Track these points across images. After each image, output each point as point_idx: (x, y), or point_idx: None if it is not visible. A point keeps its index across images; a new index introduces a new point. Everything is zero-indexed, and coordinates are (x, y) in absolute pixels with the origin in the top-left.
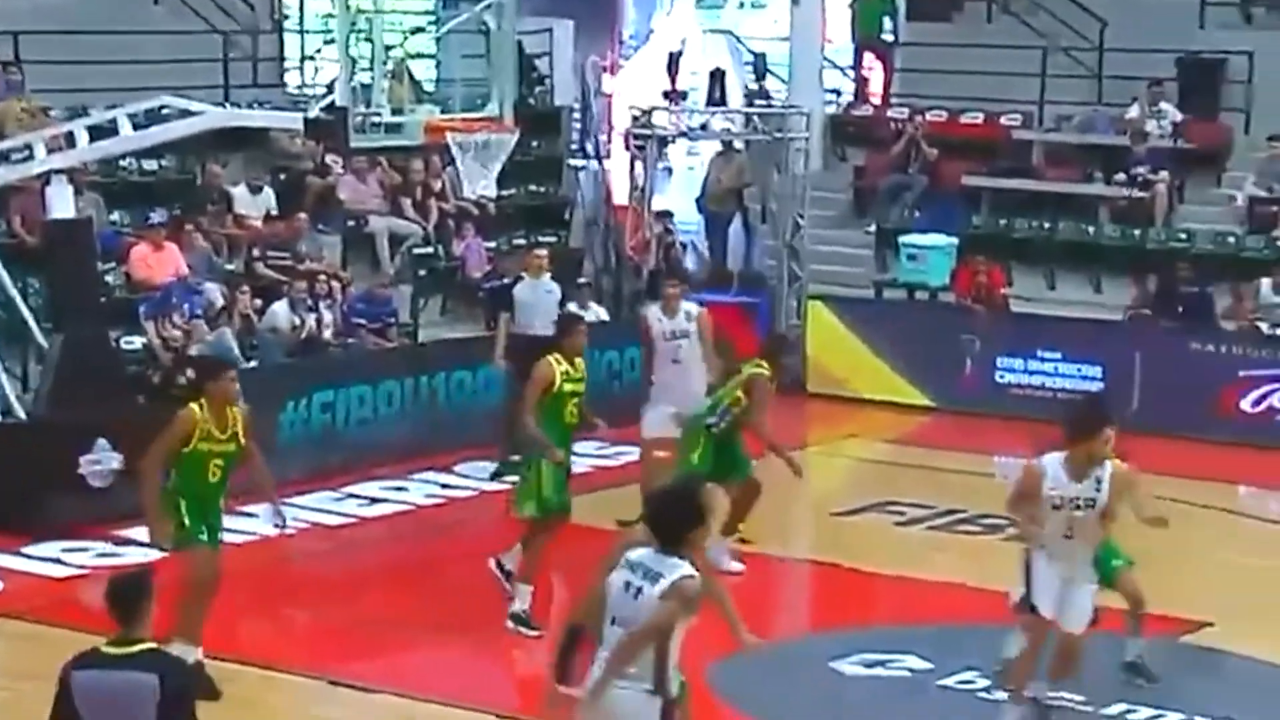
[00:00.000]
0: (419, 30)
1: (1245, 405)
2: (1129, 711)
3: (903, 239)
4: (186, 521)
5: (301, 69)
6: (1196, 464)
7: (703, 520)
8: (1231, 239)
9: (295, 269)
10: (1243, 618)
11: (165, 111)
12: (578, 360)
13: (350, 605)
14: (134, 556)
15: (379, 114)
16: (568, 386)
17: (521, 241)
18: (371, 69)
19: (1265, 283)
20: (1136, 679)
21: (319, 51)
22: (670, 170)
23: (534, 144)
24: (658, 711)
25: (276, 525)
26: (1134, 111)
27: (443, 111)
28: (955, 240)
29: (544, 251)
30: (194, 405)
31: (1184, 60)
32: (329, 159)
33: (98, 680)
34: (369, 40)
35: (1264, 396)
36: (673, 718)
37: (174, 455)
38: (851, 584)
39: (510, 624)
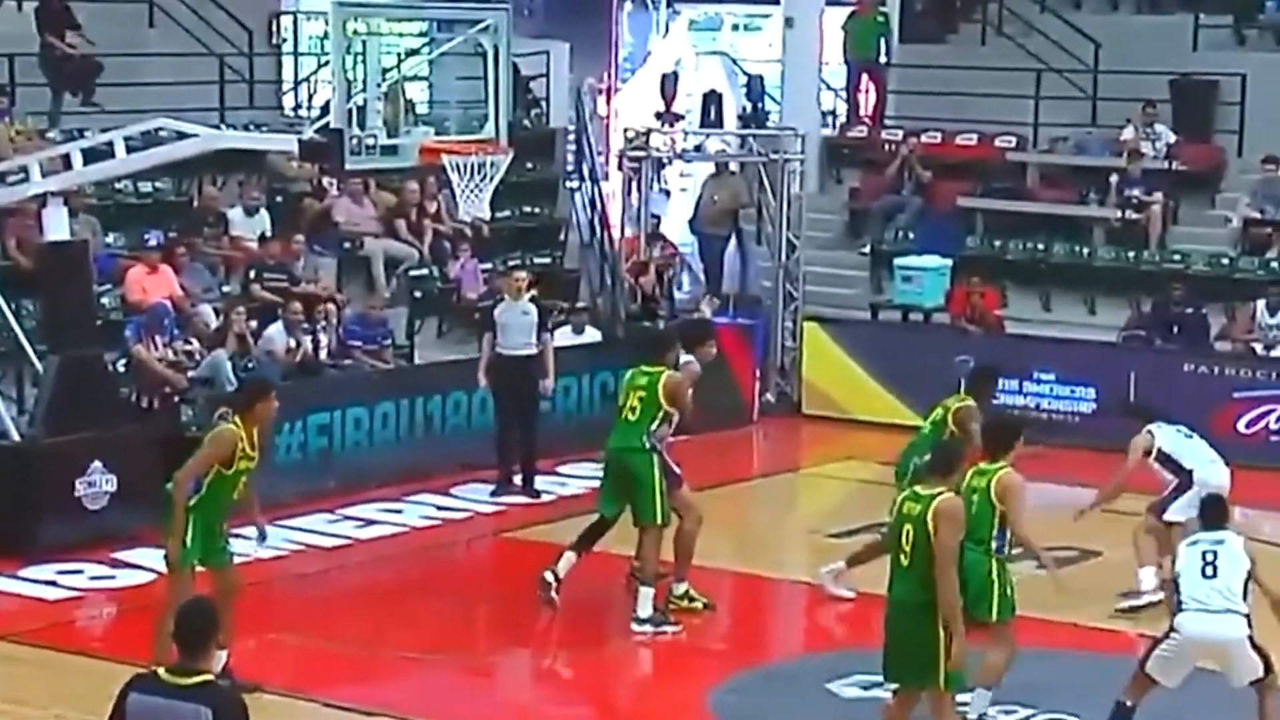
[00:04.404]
0: (414, 52)
1: (1240, 426)
2: None
3: (898, 260)
4: (188, 543)
5: (297, 91)
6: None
7: None
8: (1226, 260)
9: (291, 291)
10: None
11: (161, 134)
12: None
13: (344, 627)
14: (129, 579)
15: (374, 136)
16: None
17: (516, 263)
18: (366, 91)
19: (1260, 304)
20: None
21: (314, 74)
22: (668, 192)
23: (529, 166)
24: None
25: (259, 541)
26: (1128, 133)
27: (438, 133)
28: (950, 261)
29: (523, 274)
30: (232, 425)
31: (1177, 82)
32: (325, 181)
33: (151, 706)
34: (364, 62)
35: (1259, 418)
36: None
37: (207, 474)
38: (847, 605)
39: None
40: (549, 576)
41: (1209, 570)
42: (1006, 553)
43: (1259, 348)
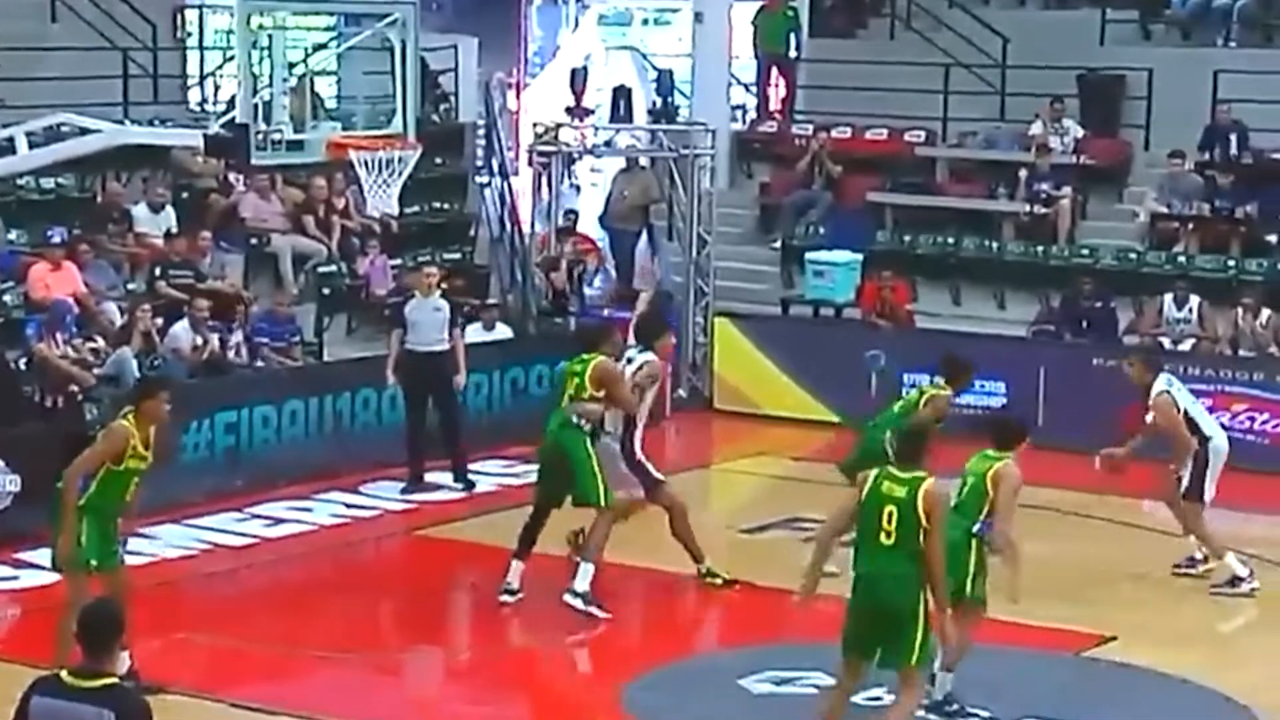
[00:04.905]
0: (321, 47)
1: (1148, 420)
2: None
3: (808, 255)
4: (83, 542)
5: (202, 86)
6: (1100, 478)
7: None
8: (1133, 255)
9: (197, 288)
10: (1145, 631)
11: (64, 129)
12: None
13: (253, 627)
14: (32, 579)
15: (281, 131)
16: None
17: (426, 259)
18: (272, 86)
19: (1167, 298)
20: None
21: (220, 68)
22: (578, 187)
23: (438, 161)
24: None
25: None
26: (1036, 128)
27: (345, 128)
28: (860, 256)
29: (433, 270)
30: (125, 421)
31: (1085, 77)
32: (231, 177)
33: (54, 709)
34: (270, 57)
35: None
36: None
37: (98, 471)
38: (759, 601)
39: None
40: (506, 597)
41: None
42: (987, 538)
43: (1167, 342)
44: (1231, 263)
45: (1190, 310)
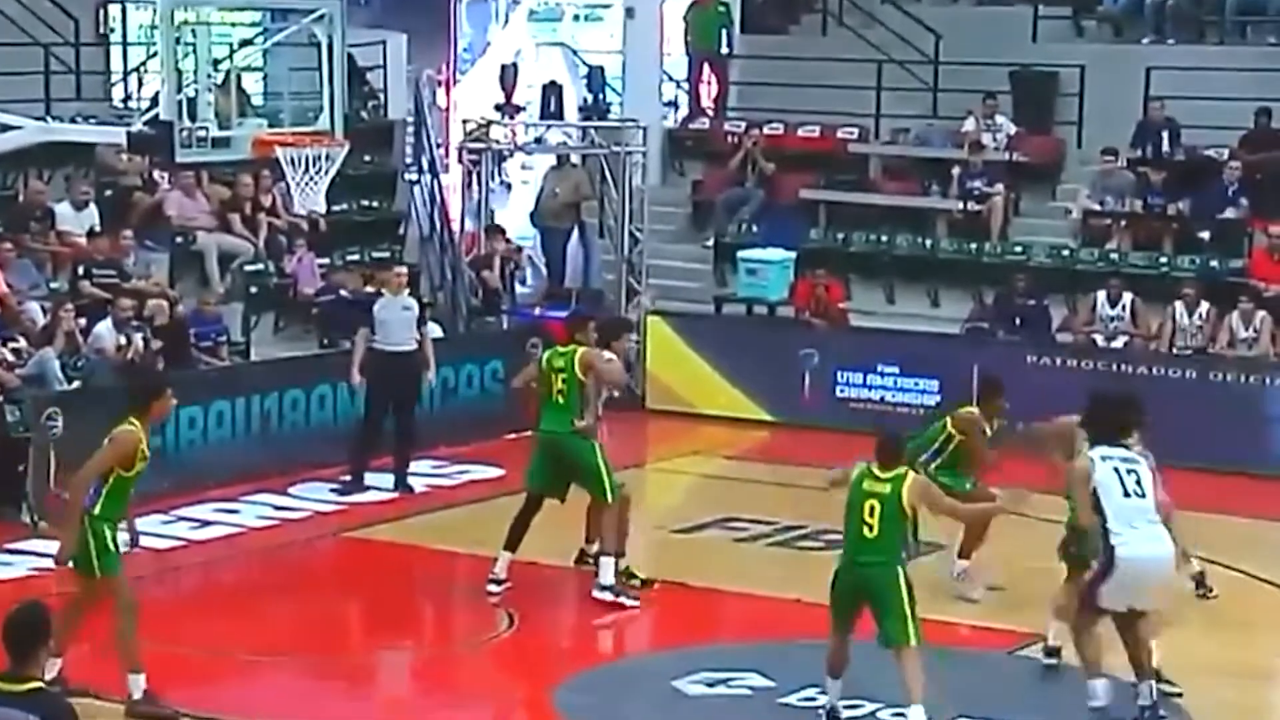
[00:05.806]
0: (247, 43)
1: None
2: None
3: (741, 253)
4: (112, 547)
5: (126, 82)
6: (1033, 476)
7: None
8: (1067, 252)
9: (121, 287)
10: None
11: None
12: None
13: (179, 630)
14: None
15: (206, 128)
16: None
17: (355, 258)
18: (197, 82)
19: (1100, 295)
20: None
21: (144, 64)
22: (509, 185)
23: (367, 158)
24: None
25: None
26: (969, 125)
27: (271, 125)
28: (793, 254)
29: (403, 269)
30: (132, 425)
31: (1017, 73)
32: (156, 174)
33: None
34: (194, 53)
35: None
36: None
37: (109, 479)
38: (693, 601)
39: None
40: (493, 588)
41: None
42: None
43: (1100, 339)
44: (1164, 260)
45: (1123, 307)
